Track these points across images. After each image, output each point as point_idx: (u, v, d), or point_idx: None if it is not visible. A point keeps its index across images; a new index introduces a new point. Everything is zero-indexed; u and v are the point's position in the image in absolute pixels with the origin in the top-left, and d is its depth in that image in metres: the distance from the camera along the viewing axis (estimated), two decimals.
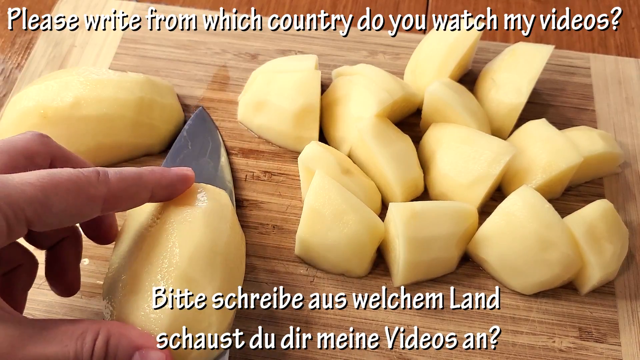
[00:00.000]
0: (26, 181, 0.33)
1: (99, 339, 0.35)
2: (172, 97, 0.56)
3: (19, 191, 0.32)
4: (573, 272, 0.47)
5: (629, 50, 0.65)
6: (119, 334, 0.35)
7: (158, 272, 0.38)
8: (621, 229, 0.49)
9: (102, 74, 0.53)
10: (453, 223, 0.47)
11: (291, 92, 0.53)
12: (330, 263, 0.48)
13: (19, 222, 0.33)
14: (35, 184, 0.33)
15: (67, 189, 0.34)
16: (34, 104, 0.51)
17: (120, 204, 0.38)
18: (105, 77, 0.52)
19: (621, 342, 0.47)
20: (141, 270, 0.39)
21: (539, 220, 0.45)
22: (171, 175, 0.41)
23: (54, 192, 0.33)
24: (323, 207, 0.46)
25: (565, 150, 0.50)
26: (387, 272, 0.49)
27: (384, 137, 0.51)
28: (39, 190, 0.33)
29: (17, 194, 0.32)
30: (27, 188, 0.33)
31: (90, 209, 0.36)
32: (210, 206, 0.42)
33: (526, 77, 0.54)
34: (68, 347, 0.33)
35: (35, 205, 0.33)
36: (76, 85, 0.51)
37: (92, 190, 0.35)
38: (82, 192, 0.35)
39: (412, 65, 0.59)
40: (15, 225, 0.33)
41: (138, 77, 0.54)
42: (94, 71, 0.53)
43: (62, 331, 0.34)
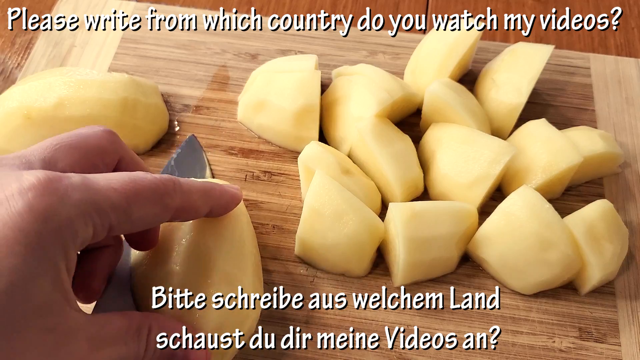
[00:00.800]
0: (111, 187, 0.33)
1: (151, 336, 0.35)
2: (156, 97, 0.56)
3: (104, 197, 0.32)
4: (573, 272, 0.47)
5: (629, 50, 0.65)
6: (168, 328, 0.36)
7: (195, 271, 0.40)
8: (621, 229, 0.49)
9: (85, 75, 0.53)
10: (453, 223, 0.47)
11: (291, 92, 0.53)
12: (330, 263, 0.48)
13: (104, 228, 0.32)
14: (119, 190, 0.33)
15: (147, 197, 0.34)
16: (18, 105, 0.51)
17: (184, 215, 0.38)
18: (89, 78, 0.52)
19: (621, 342, 0.47)
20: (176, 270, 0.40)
21: (539, 220, 0.45)
22: (229, 194, 0.41)
23: (136, 199, 0.33)
24: (323, 207, 0.46)
25: (565, 150, 0.50)
26: (387, 272, 0.49)
27: (384, 137, 0.51)
28: (123, 198, 0.33)
29: (103, 200, 0.32)
30: (112, 194, 0.32)
31: (163, 218, 0.36)
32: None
33: (526, 77, 0.54)
34: (129, 346, 0.34)
35: (119, 212, 0.33)
36: (60, 85, 0.51)
37: (168, 200, 0.35)
38: (160, 201, 0.35)
39: (412, 65, 0.59)
40: (100, 231, 0.32)
41: (122, 77, 0.53)
42: (78, 71, 0.53)
43: (118, 327, 0.34)
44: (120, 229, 0.34)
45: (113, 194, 0.32)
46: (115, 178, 0.33)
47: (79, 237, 0.31)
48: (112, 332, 0.33)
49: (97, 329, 0.33)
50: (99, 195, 0.32)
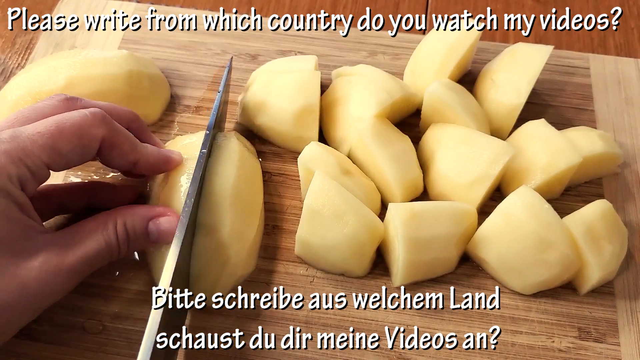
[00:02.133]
0: (37, 131, 0.39)
1: (118, 225, 0.42)
2: (155, 68, 0.58)
3: (31, 141, 0.38)
4: (572, 272, 0.47)
5: (629, 50, 0.65)
6: (131, 214, 0.43)
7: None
8: (620, 229, 0.49)
9: (87, 55, 0.54)
10: (452, 223, 0.47)
11: (291, 92, 0.53)
12: (330, 263, 0.48)
13: (40, 167, 0.39)
14: (43, 132, 0.39)
15: (73, 132, 0.40)
16: (27, 91, 0.52)
17: (111, 151, 0.43)
18: (91, 56, 0.54)
19: (620, 342, 0.47)
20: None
21: (538, 220, 0.45)
22: (161, 155, 0.47)
23: (61, 137, 0.39)
24: (323, 208, 0.46)
25: (564, 150, 0.50)
26: (387, 272, 0.49)
27: (384, 138, 0.51)
28: (49, 138, 0.39)
29: (30, 144, 0.38)
30: (38, 138, 0.39)
31: (93, 147, 0.41)
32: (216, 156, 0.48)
33: (526, 77, 0.54)
34: (100, 241, 0.41)
35: (48, 151, 0.39)
36: (65, 67, 0.52)
37: (94, 130, 0.41)
38: (87, 132, 0.40)
39: (411, 65, 0.59)
40: (37, 170, 0.39)
41: (122, 52, 0.55)
42: (79, 52, 0.55)
43: (89, 230, 0.41)
44: (58, 165, 0.40)
45: (39, 137, 0.39)
46: (42, 124, 0.40)
47: (15, 178, 0.38)
48: (82, 235, 0.41)
49: (67, 238, 0.40)
50: (27, 142, 0.38)
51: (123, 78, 0.53)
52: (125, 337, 0.46)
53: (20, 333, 0.43)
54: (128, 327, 0.46)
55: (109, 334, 0.46)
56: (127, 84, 0.54)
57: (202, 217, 0.46)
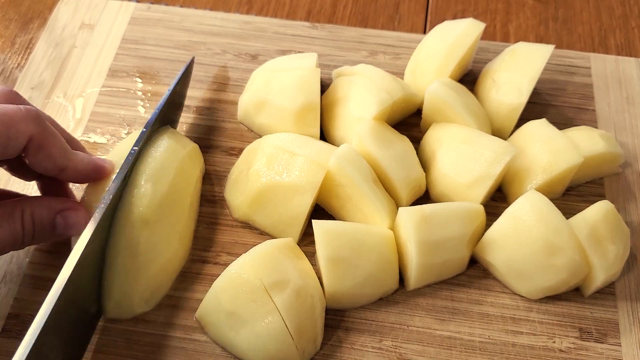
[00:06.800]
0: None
1: (25, 216, 0.42)
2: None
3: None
4: (579, 278, 0.47)
5: (629, 50, 0.65)
6: (39, 205, 0.42)
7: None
8: (623, 230, 0.48)
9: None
10: (463, 224, 0.47)
11: (291, 90, 0.53)
12: (367, 297, 0.47)
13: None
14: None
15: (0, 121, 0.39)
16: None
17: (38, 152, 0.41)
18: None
19: (621, 343, 0.47)
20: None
21: (546, 225, 0.45)
22: (89, 163, 0.45)
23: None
24: (339, 252, 0.45)
25: (565, 150, 0.50)
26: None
27: (383, 140, 0.51)
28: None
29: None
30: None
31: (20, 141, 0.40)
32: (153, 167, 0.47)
33: (526, 77, 0.54)
34: (5, 229, 0.41)
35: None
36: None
37: (23, 126, 0.40)
38: (14, 126, 0.39)
39: (412, 65, 0.59)
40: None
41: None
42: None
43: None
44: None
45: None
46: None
47: None
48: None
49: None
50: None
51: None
52: (126, 337, 0.46)
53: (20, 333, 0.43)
54: (128, 328, 0.46)
55: (109, 334, 0.46)
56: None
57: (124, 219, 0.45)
